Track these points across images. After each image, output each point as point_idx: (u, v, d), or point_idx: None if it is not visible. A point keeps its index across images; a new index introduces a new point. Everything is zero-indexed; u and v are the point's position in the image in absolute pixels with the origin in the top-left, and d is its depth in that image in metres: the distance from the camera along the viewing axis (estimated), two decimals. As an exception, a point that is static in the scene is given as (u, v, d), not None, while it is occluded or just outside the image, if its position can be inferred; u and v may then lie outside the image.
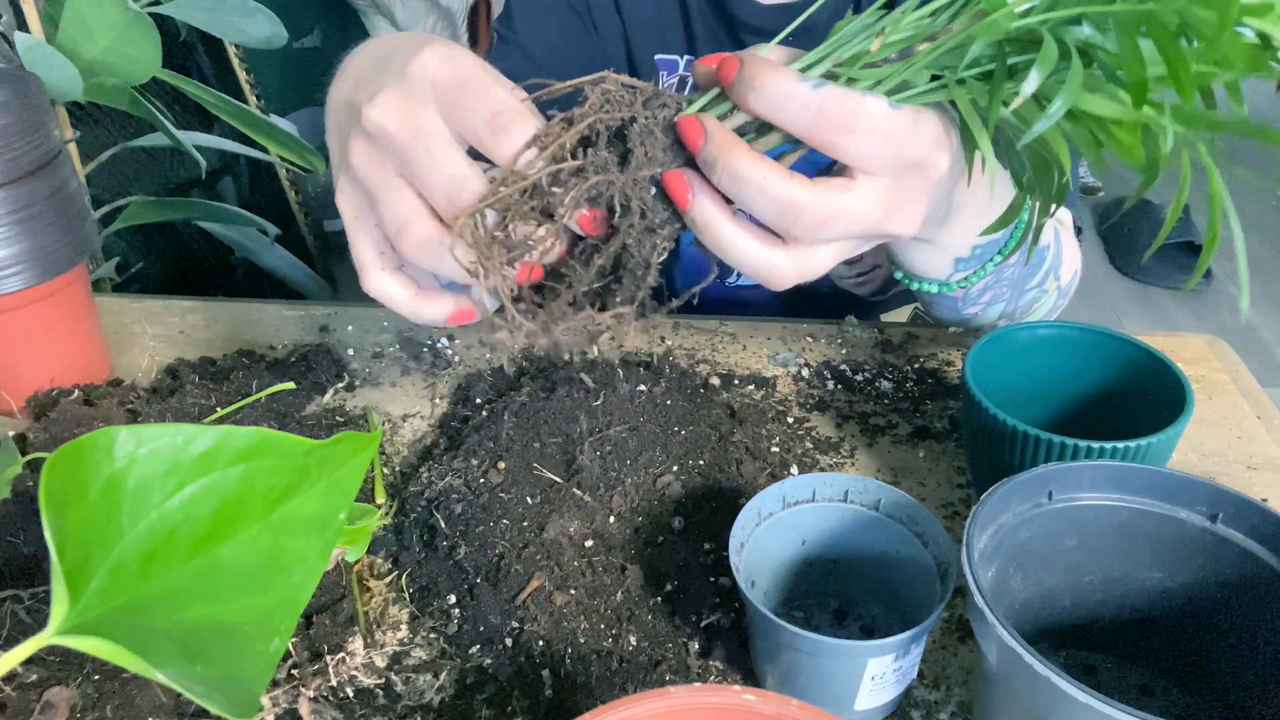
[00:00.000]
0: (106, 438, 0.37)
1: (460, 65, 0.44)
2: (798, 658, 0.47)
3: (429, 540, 0.59)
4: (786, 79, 0.40)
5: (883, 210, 0.43)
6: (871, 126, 0.41)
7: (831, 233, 0.42)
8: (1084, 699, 0.37)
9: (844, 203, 0.42)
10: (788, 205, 0.41)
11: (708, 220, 0.43)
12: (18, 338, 0.70)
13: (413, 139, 0.43)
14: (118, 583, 0.36)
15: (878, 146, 0.41)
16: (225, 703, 0.33)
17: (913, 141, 0.42)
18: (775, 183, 0.41)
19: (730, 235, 0.43)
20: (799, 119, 0.41)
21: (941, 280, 0.65)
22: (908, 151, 0.42)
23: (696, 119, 0.42)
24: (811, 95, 0.40)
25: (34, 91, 0.67)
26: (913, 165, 0.42)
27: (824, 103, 0.40)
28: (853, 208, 0.42)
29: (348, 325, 0.84)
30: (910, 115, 0.41)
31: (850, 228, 0.43)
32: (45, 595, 0.54)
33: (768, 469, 0.64)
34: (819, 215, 0.42)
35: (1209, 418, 0.72)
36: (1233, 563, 0.47)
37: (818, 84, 0.40)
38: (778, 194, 0.41)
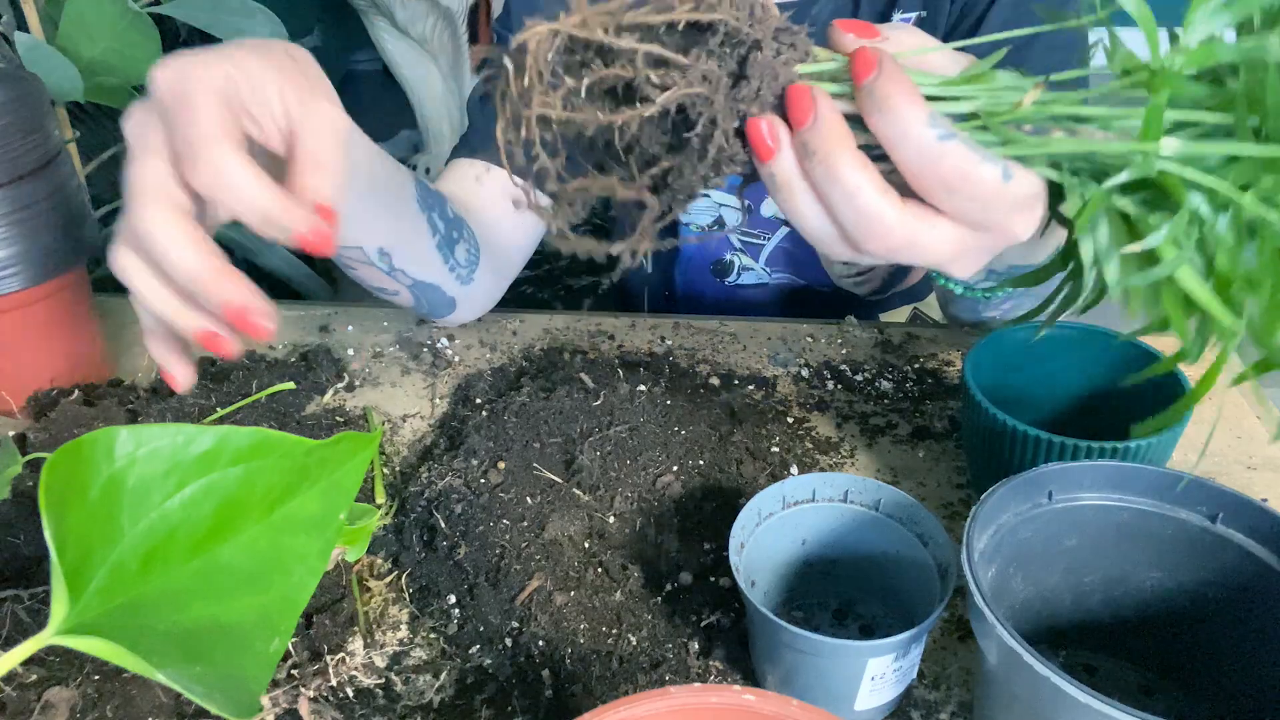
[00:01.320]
0: (106, 438, 0.37)
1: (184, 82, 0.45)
2: (798, 658, 0.47)
3: (429, 540, 0.59)
4: (916, 118, 0.38)
5: (952, 254, 0.42)
6: (977, 193, 0.39)
7: (897, 258, 0.41)
8: (1084, 699, 0.37)
9: (924, 237, 0.40)
10: (871, 221, 0.40)
11: (786, 180, 0.40)
12: (18, 338, 0.70)
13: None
14: (118, 583, 0.36)
15: (974, 209, 0.40)
16: (225, 703, 0.33)
17: (1011, 215, 0.40)
18: (869, 197, 0.39)
19: (802, 205, 0.41)
20: (912, 161, 0.39)
21: (968, 284, 0.65)
22: (998, 218, 0.40)
23: (811, 94, 0.39)
24: (933, 146, 0.38)
25: (34, 91, 0.67)
26: (998, 229, 0.41)
27: (942, 158, 0.38)
28: (929, 245, 0.41)
29: (348, 325, 0.84)
30: (1016, 188, 0.40)
31: (914, 259, 0.42)
32: (45, 595, 0.54)
33: (768, 469, 0.64)
34: (895, 241, 0.40)
35: (1209, 418, 0.72)
36: (1233, 563, 0.47)
37: (945, 134, 0.38)
38: (866, 208, 0.39)
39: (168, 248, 0.43)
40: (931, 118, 0.38)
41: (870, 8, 0.76)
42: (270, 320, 0.46)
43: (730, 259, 0.95)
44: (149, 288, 0.45)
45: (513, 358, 0.79)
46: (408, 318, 0.85)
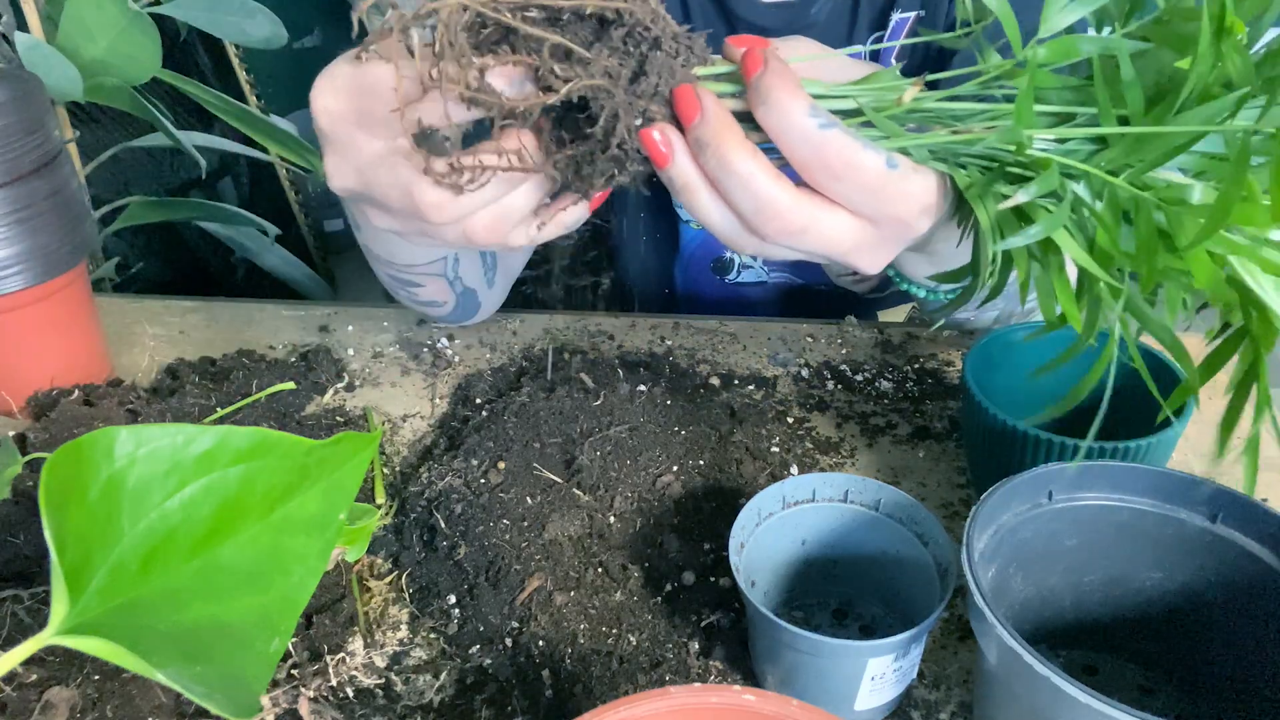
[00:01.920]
0: (106, 438, 0.37)
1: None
2: (798, 658, 0.47)
3: (429, 540, 0.59)
4: (798, 109, 0.40)
5: (851, 243, 0.43)
6: (862, 180, 0.41)
7: (797, 244, 0.43)
8: (1084, 699, 0.37)
9: (820, 222, 0.42)
10: (766, 205, 0.41)
11: (684, 181, 0.42)
12: (18, 338, 0.70)
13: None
14: (118, 583, 0.36)
15: (862, 198, 0.41)
16: (225, 703, 0.33)
17: (898, 203, 0.42)
18: (762, 182, 0.41)
19: (703, 202, 0.43)
20: (796, 150, 0.40)
21: (929, 288, 0.65)
22: (890, 209, 0.42)
23: (695, 93, 0.41)
24: (815, 133, 0.40)
25: (34, 91, 0.67)
26: (893, 220, 0.42)
27: (824, 145, 0.40)
28: (825, 231, 0.42)
29: (348, 325, 0.84)
30: (902, 176, 0.41)
31: (815, 246, 0.43)
32: (45, 595, 0.54)
33: (768, 469, 0.64)
34: (792, 224, 0.42)
35: (1209, 418, 0.72)
36: (1233, 563, 0.47)
37: (826, 123, 0.40)
38: (760, 193, 0.41)
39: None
40: (812, 108, 0.40)
41: (870, 8, 0.76)
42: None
43: (730, 257, 0.95)
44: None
45: (513, 358, 0.79)
46: (408, 318, 0.85)
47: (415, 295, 0.72)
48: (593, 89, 0.38)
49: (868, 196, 0.41)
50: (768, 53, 0.40)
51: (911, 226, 0.43)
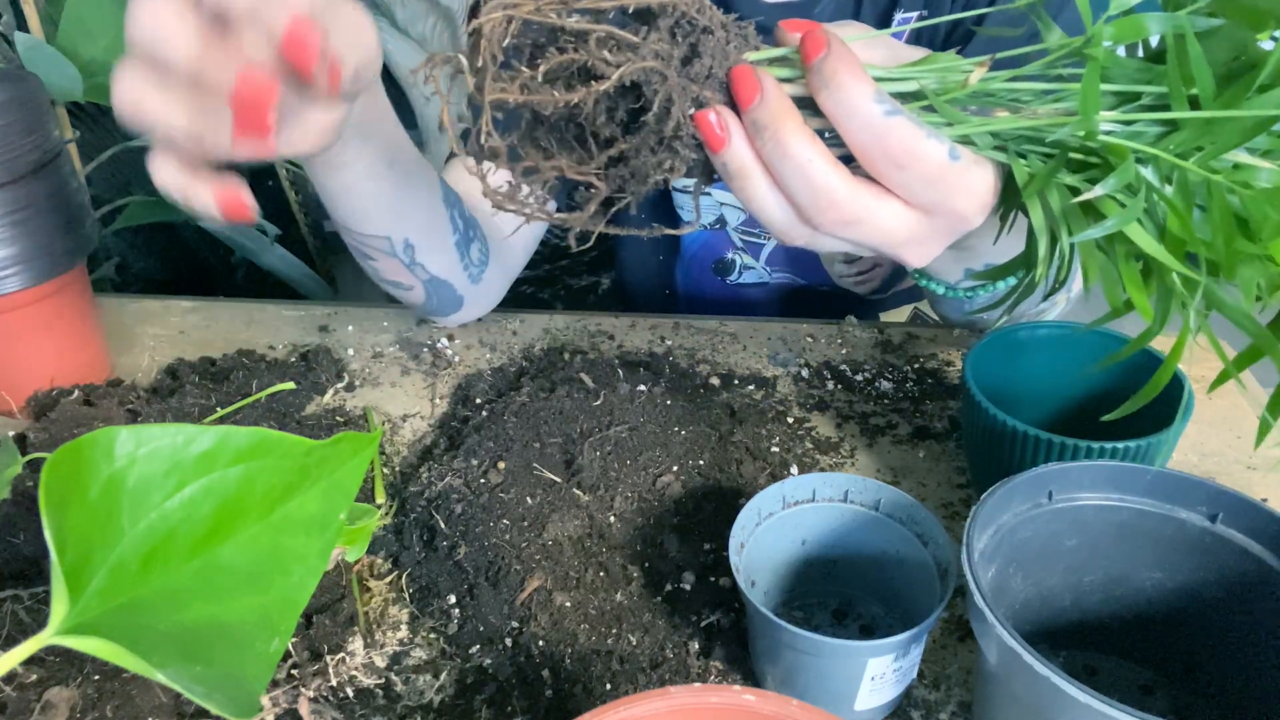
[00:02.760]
0: (106, 438, 0.37)
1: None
2: (798, 658, 0.47)
3: (429, 540, 0.59)
4: (863, 94, 0.39)
5: (905, 236, 0.42)
6: (924, 171, 0.40)
7: (851, 234, 0.42)
8: (1084, 699, 0.37)
9: (876, 213, 0.41)
10: (822, 193, 0.40)
11: (741, 168, 0.41)
12: (18, 338, 0.70)
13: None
14: (118, 583, 0.36)
15: (922, 188, 0.41)
16: (225, 703, 0.33)
17: (957, 195, 0.41)
18: (819, 169, 0.40)
19: (758, 189, 0.42)
20: (859, 136, 0.39)
21: (950, 284, 0.65)
22: (949, 201, 0.41)
23: (755, 74, 0.40)
24: (879, 120, 0.39)
25: (34, 91, 0.67)
26: (949, 213, 0.42)
27: (888, 132, 0.39)
28: (880, 222, 0.41)
29: (348, 325, 0.84)
30: (963, 169, 0.41)
31: (868, 237, 0.42)
32: (45, 595, 0.54)
33: (768, 469, 0.64)
34: (848, 214, 0.41)
35: (1209, 418, 0.72)
36: (1233, 563, 0.47)
37: (891, 110, 0.39)
38: (817, 180, 0.40)
39: (170, 31, 0.39)
40: (878, 94, 0.39)
41: (872, 8, 0.76)
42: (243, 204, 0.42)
43: (731, 258, 0.95)
44: (161, 101, 0.40)
45: (513, 358, 0.79)
46: (408, 318, 0.85)
47: (379, 272, 0.71)
48: (645, 71, 0.37)
49: (927, 188, 0.41)
50: (829, 35, 0.39)
51: (968, 220, 0.42)
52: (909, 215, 0.42)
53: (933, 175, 0.40)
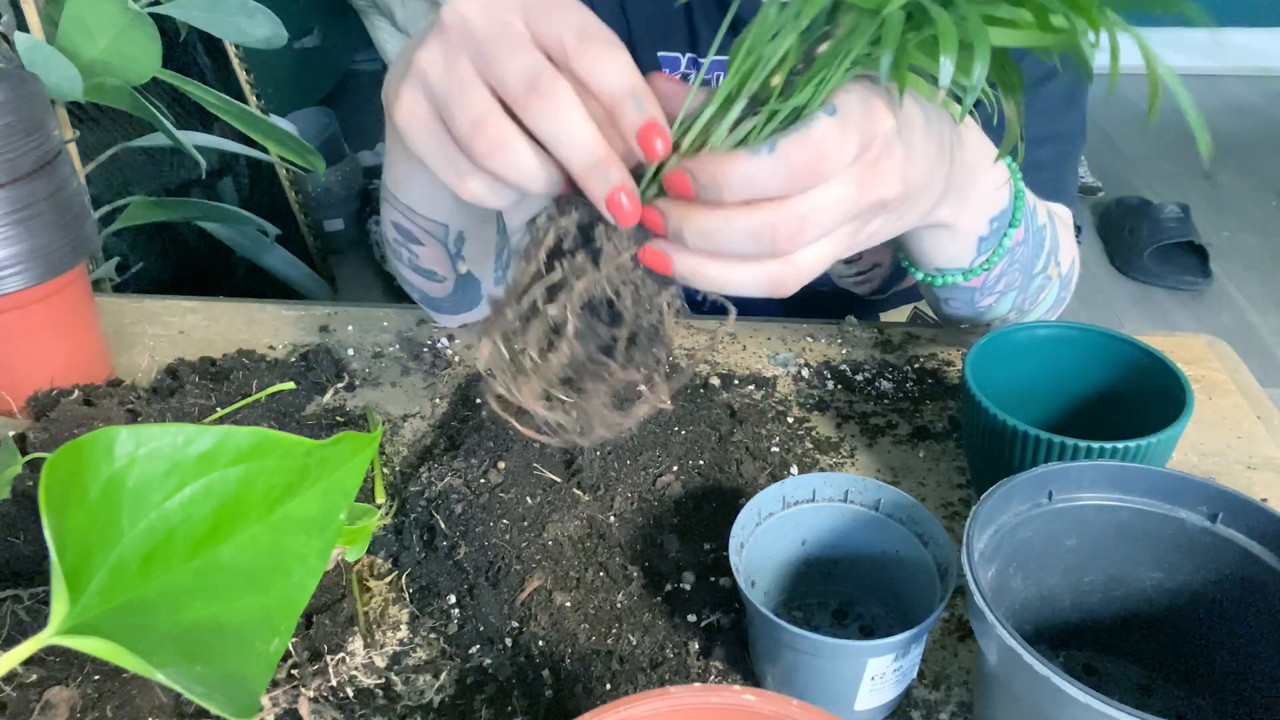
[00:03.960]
0: (106, 438, 0.37)
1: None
2: (798, 658, 0.47)
3: (429, 540, 0.59)
4: (745, 163, 0.40)
5: (855, 188, 0.43)
6: (834, 151, 0.41)
7: (812, 233, 0.42)
8: (1084, 699, 0.37)
9: (810, 203, 0.42)
10: (758, 230, 0.41)
11: (694, 271, 0.43)
12: (18, 338, 0.70)
13: (496, 30, 0.42)
14: (118, 583, 0.36)
15: (844, 158, 0.41)
16: (225, 703, 0.33)
17: (862, 129, 0.42)
18: (736, 217, 0.41)
19: (718, 273, 0.43)
20: (774, 185, 0.41)
21: (965, 268, 0.65)
22: (859, 139, 0.42)
23: (648, 210, 0.42)
24: (774, 162, 0.40)
25: (34, 91, 0.67)
26: (863, 145, 0.42)
27: (788, 160, 0.40)
28: (821, 202, 0.42)
29: (348, 325, 0.84)
30: (846, 112, 0.41)
31: (830, 219, 0.43)
32: (45, 595, 0.54)
33: (768, 469, 0.64)
34: (790, 223, 0.41)
35: (1209, 418, 0.72)
36: (1233, 563, 0.47)
37: (770, 147, 0.40)
38: (744, 225, 0.41)
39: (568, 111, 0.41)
40: (749, 152, 0.40)
41: None
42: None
43: None
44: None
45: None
46: (408, 317, 0.85)
47: (417, 259, 0.71)
48: (582, 292, 0.43)
49: (845, 154, 0.41)
50: (685, 166, 0.41)
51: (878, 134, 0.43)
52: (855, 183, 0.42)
53: (839, 141, 0.41)
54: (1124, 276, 2.49)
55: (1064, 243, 0.74)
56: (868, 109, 0.42)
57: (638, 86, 0.41)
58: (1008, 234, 0.64)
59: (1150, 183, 2.83)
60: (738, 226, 0.41)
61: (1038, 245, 0.69)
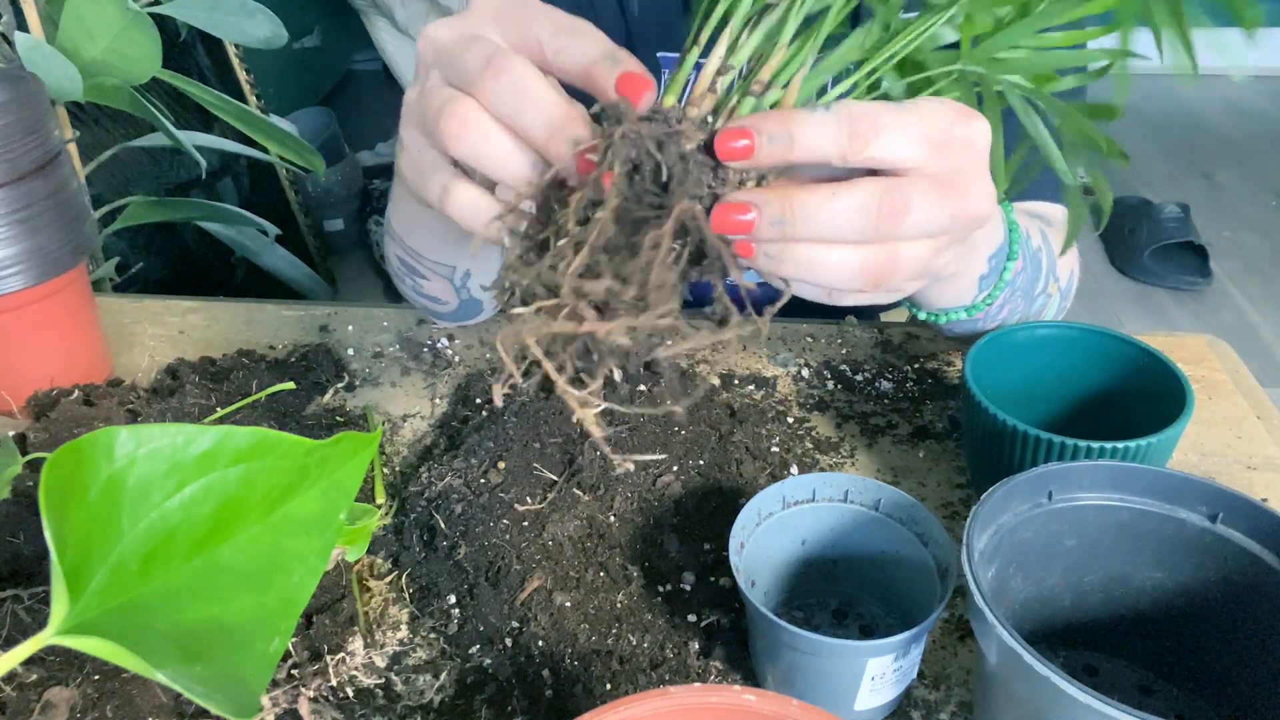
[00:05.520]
0: (106, 438, 0.37)
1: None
2: (798, 658, 0.47)
3: (429, 540, 0.59)
4: (806, 115, 0.39)
5: (949, 191, 0.41)
6: (894, 121, 0.40)
7: (915, 218, 0.41)
8: (1084, 699, 0.37)
9: (910, 186, 0.40)
10: (866, 206, 0.40)
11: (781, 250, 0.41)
12: (18, 338, 0.70)
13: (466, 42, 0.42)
14: (118, 583, 0.36)
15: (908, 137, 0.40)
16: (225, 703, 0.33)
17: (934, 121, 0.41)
18: (844, 194, 0.40)
19: (810, 253, 0.41)
20: (833, 144, 0.39)
21: (968, 305, 0.65)
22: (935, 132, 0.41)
23: (736, 204, 0.40)
24: (834, 118, 0.39)
25: (34, 91, 0.67)
26: (948, 142, 0.41)
27: (850, 119, 0.39)
28: (920, 192, 0.40)
29: (348, 325, 0.84)
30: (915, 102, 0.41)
31: (929, 215, 0.41)
32: (45, 595, 0.54)
33: (768, 469, 0.64)
34: (895, 200, 0.40)
35: (1209, 418, 0.72)
36: (1233, 563, 0.47)
37: (826, 107, 0.39)
38: (851, 202, 0.40)
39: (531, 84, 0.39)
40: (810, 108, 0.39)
41: None
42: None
43: None
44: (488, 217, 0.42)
45: (513, 358, 0.79)
46: (408, 318, 0.85)
47: (420, 287, 0.72)
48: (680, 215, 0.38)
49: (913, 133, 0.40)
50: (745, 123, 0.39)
51: (969, 132, 0.42)
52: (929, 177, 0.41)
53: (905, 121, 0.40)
54: (1124, 276, 2.49)
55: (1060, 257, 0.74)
56: (951, 110, 0.41)
57: (613, 50, 0.40)
58: (1007, 268, 0.64)
59: (1150, 183, 2.83)
60: (844, 203, 0.40)
61: (1035, 269, 0.69)
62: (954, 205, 0.42)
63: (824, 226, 0.40)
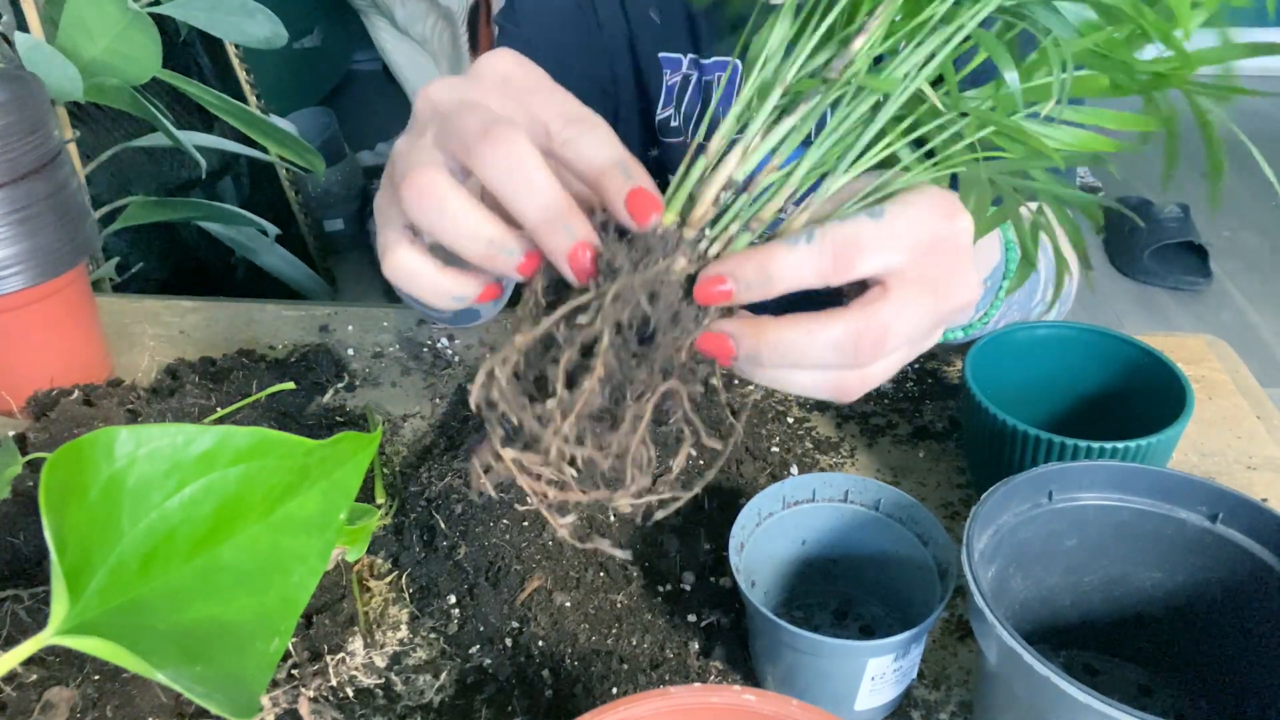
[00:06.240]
0: (106, 438, 0.37)
1: (534, 69, 0.41)
2: (798, 658, 0.47)
3: (429, 540, 0.59)
4: (785, 252, 0.39)
5: (932, 296, 0.41)
6: (876, 238, 0.39)
7: (894, 342, 0.40)
8: (1084, 699, 0.37)
9: (890, 310, 0.40)
10: (842, 342, 0.39)
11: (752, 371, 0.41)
12: (18, 338, 0.70)
13: (460, 106, 0.39)
14: (118, 583, 0.36)
15: (890, 250, 0.40)
16: (225, 703, 0.33)
17: (916, 226, 0.40)
18: (820, 332, 0.39)
19: (783, 376, 0.42)
20: (815, 275, 0.39)
21: (965, 325, 0.65)
22: (917, 237, 0.40)
23: (713, 335, 0.40)
24: (814, 249, 0.39)
25: (34, 91, 0.67)
26: (932, 244, 0.41)
27: (833, 249, 0.39)
28: (901, 311, 0.40)
29: (348, 325, 0.84)
30: (896, 209, 0.40)
31: (911, 327, 0.41)
32: (45, 595, 0.54)
33: (768, 469, 0.64)
34: (873, 333, 0.40)
35: (1209, 418, 0.72)
36: (1233, 563, 0.47)
37: (807, 236, 0.39)
38: (827, 340, 0.39)
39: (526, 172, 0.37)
40: (788, 241, 0.39)
41: None
42: (499, 288, 0.42)
43: None
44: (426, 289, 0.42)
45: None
46: (408, 318, 0.85)
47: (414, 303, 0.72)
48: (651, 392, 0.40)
49: (893, 247, 0.40)
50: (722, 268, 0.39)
51: (950, 231, 0.41)
52: (912, 283, 0.40)
53: (884, 235, 0.39)
54: (1124, 276, 2.49)
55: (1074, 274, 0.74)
56: (932, 210, 0.40)
57: (625, 158, 0.38)
58: (1003, 286, 0.63)
59: (1150, 183, 2.83)
60: (820, 340, 0.39)
61: (1032, 284, 0.69)
62: (937, 308, 0.41)
63: (798, 360, 0.40)
